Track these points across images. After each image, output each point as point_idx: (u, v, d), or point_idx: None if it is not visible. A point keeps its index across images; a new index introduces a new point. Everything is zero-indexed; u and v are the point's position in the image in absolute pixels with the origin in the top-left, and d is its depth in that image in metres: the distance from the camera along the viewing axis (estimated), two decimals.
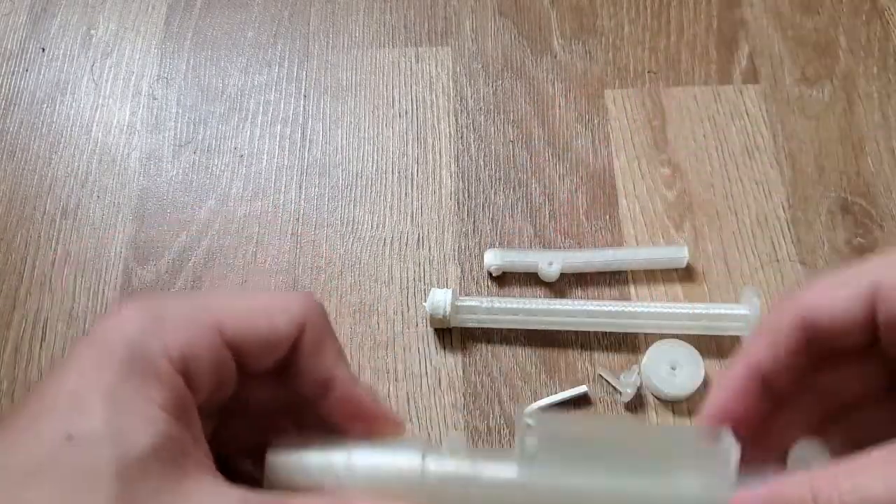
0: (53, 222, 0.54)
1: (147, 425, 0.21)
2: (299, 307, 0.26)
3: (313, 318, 0.26)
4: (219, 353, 0.24)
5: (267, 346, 0.25)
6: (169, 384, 0.22)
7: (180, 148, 0.56)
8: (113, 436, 0.21)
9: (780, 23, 0.59)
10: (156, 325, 0.23)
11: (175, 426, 0.22)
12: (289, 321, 0.25)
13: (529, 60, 0.59)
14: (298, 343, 0.26)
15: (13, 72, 0.60)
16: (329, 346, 0.27)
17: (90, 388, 0.21)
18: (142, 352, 0.22)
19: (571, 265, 0.50)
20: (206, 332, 0.24)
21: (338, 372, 0.26)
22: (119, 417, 0.21)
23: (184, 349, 0.23)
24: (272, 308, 0.25)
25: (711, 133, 0.55)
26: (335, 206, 0.54)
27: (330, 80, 0.58)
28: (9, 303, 0.51)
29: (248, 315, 0.25)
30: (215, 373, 0.24)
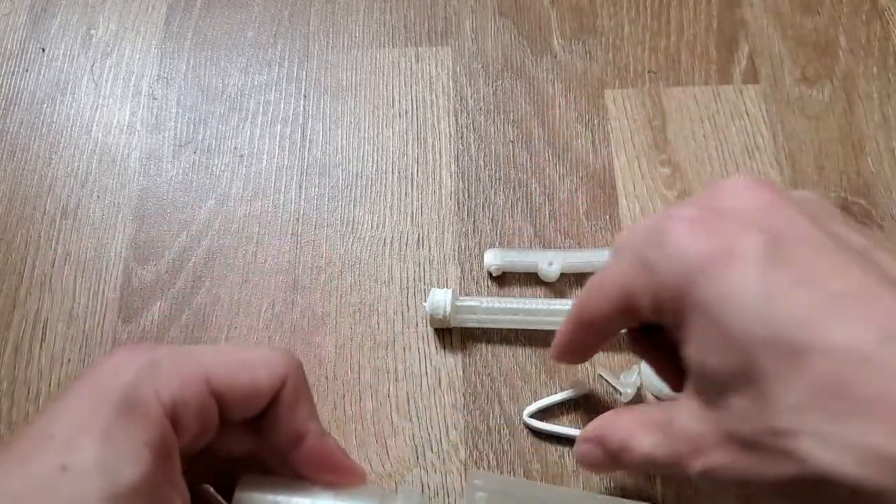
0: (53, 222, 0.54)
1: (134, 461, 0.23)
2: (282, 364, 0.28)
3: (293, 375, 0.29)
4: (205, 401, 0.26)
5: (249, 398, 0.27)
6: (157, 426, 0.24)
7: (180, 148, 0.56)
8: (103, 468, 0.22)
9: (780, 23, 0.59)
10: (150, 371, 0.25)
11: (157, 465, 0.24)
12: (271, 376, 0.28)
13: (529, 60, 0.59)
14: (277, 397, 0.28)
15: (13, 72, 0.60)
16: (305, 401, 0.29)
17: (85, 425, 0.23)
18: (135, 395, 0.24)
19: (571, 265, 0.50)
20: (195, 381, 0.26)
21: (311, 426, 0.29)
22: (109, 452, 0.23)
23: (174, 395, 0.25)
24: (257, 363, 0.28)
25: (711, 133, 0.55)
26: (335, 206, 0.54)
27: (330, 80, 0.58)
28: (9, 303, 0.51)
29: (234, 368, 0.27)
30: (200, 419, 0.26)
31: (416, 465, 0.45)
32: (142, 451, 0.23)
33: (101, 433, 0.23)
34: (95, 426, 0.23)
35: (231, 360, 0.27)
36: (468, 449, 0.46)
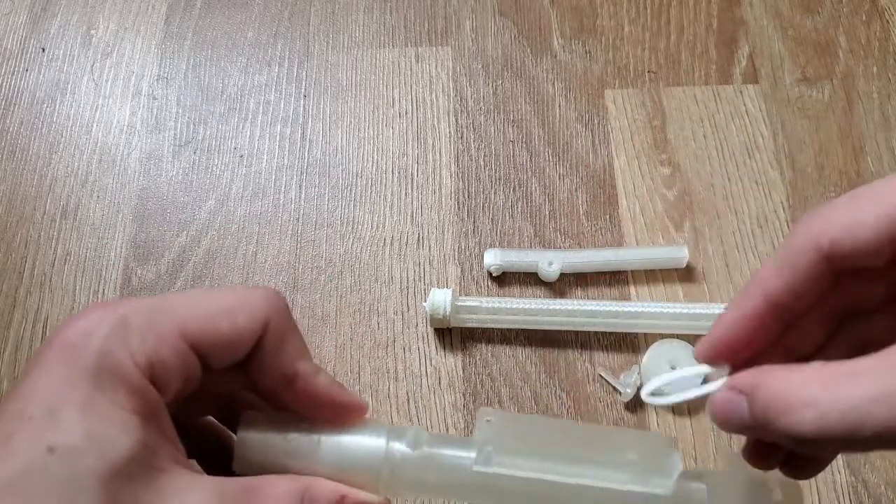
0: (53, 222, 0.54)
1: (124, 433, 0.22)
2: (262, 306, 0.26)
3: (276, 315, 0.27)
4: (184, 356, 0.25)
5: (229, 346, 0.26)
6: (139, 390, 0.23)
7: (180, 148, 0.56)
8: (93, 446, 0.21)
9: (780, 23, 0.59)
10: (121, 333, 0.24)
11: (148, 429, 0.23)
12: (250, 320, 0.26)
13: (529, 60, 0.58)
14: (261, 340, 0.26)
15: (13, 72, 0.60)
16: (291, 341, 0.27)
17: (65, 400, 0.22)
18: (111, 361, 0.23)
19: (571, 265, 0.50)
20: (171, 337, 0.24)
21: (300, 366, 0.27)
22: (97, 428, 0.22)
23: (150, 355, 0.24)
24: (235, 308, 0.26)
25: (711, 133, 0.55)
26: (335, 206, 0.54)
27: (330, 80, 0.58)
28: (9, 303, 0.51)
29: (210, 317, 0.25)
30: (181, 374, 0.25)
31: None
32: (128, 419, 0.22)
33: (82, 406, 0.22)
34: (75, 399, 0.22)
35: (206, 308, 0.26)
36: None
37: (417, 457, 0.28)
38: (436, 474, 0.28)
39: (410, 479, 0.28)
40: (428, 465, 0.28)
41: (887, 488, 0.44)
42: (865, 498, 0.44)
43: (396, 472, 0.28)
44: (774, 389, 0.23)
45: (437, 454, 0.28)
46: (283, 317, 0.27)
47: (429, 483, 0.28)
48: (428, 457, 0.28)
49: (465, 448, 0.28)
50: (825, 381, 0.22)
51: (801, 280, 0.25)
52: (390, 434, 0.28)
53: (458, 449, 0.28)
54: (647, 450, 0.29)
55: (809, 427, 0.22)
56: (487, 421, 0.28)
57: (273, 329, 0.27)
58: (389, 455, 0.28)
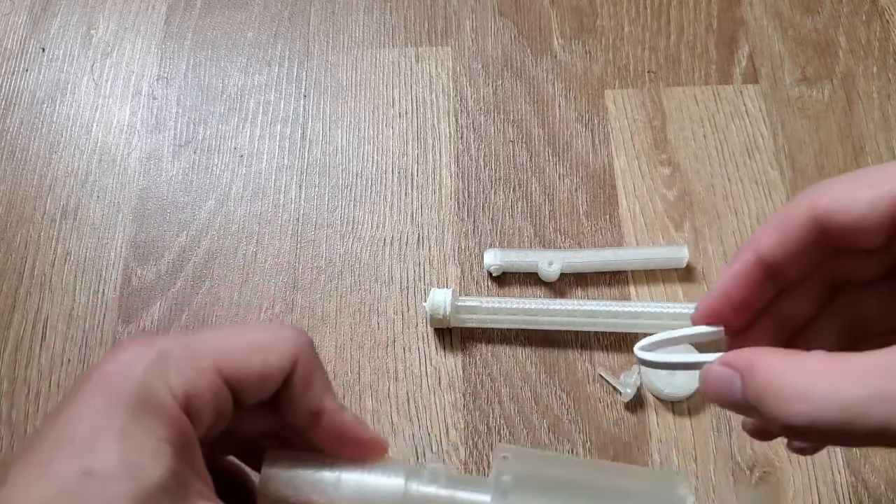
0: (53, 222, 0.54)
1: (157, 460, 0.23)
2: (292, 344, 0.28)
3: (304, 354, 0.28)
4: (218, 390, 0.26)
5: (262, 381, 0.27)
6: (174, 421, 0.24)
7: (180, 148, 0.56)
8: (128, 471, 0.22)
9: (780, 23, 0.59)
10: (160, 367, 0.25)
11: (180, 460, 0.24)
12: (282, 358, 0.27)
13: (529, 60, 0.58)
14: (290, 377, 0.28)
15: (13, 72, 0.60)
16: (318, 379, 0.29)
17: (103, 428, 0.23)
18: (149, 393, 0.24)
19: (571, 265, 0.50)
20: (206, 372, 0.26)
21: (326, 403, 0.29)
22: (132, 454, 0.23)
23: (187, 388, 0.25)
24: (267, 345, 0.27)
25: (711, 133, 0.55)
26: (335, 206, 0.54)
27: (330, 80, 0.58)
28: (9, 303, 0.51)
29: (244, 353, 0.27)
30: (214, 408, 0.26)
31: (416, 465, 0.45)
32: (162, 448, 0.23)
33: (119, 434, 0.23)
34: (113, 427, 0.23)
35: (240, 344, 0.27)
36: (468, 449, 0.46)
37: (435, 496, 0.29)
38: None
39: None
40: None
41: (887, 488, 0.44)
42: (865, 498, 0.44)
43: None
44: (770, 374, 0.23)
45: (455, 493, 0.29)
46: (311, 355, 0.29)
47: None
48: (446, 496, 0.29)
49: (483, 487, 0.29)
50: (823, 373, 0.22)
51: (794, 244, 0.26)
52: (409, 474, 0.29)
53: (476, 488, 0.29)
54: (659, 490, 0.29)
55: (802, 419, 0.22)
56: (504, 458, 0.29)
57: (301, 367, 0.28)
58: (408, 495, 0.28)
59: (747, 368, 0.24)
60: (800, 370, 0.22)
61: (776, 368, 0.23)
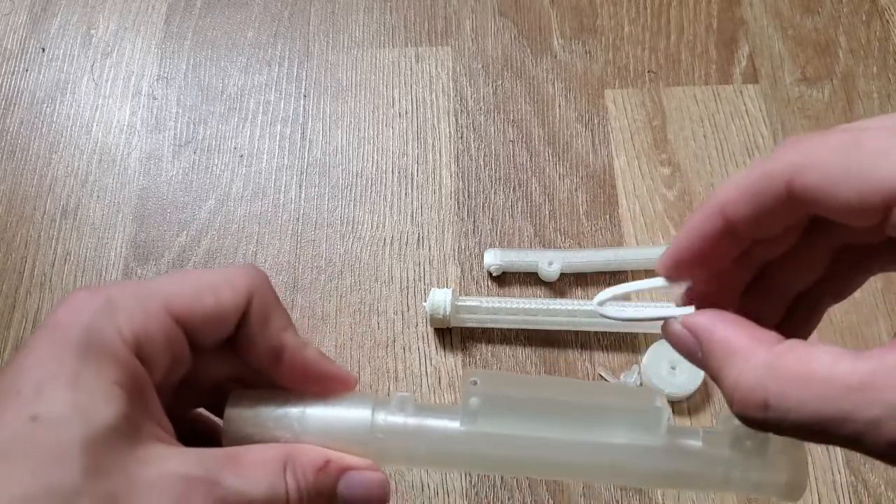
0: (53, 222, 0.54)
1: (107, 403, 0.23)
2: (245, 281, 0.27)
3: (259, 290, 0.27)
4: (170, 332, 0.25)
5: (215, 321, 0.26)
6: (125, 364, 0.24)
7: (180, 148, 0.56)
8: (77, 415, 0.22)
9: (780, 23, 0.59)
10: (108, 311, 0.24)
11: (132, 402, 0.23)
12: (235, 295, 0.27)
13: (529, 60, 0.59)
14: (246, 315, 0.27)
15: (13, 72, 0.60)
16: (277, 315, 0.28)
17: (51, 374, 0.23)
18: (97, 336, 0.24)
19: (571, 265, 0.50)
20: (157, 313, 0.25)
21: (287, 339, 0.28)
22: (81, 398, 0.22)
23: (137, 330, 0.24)
24: (219, 283, 0.27)
25: (711, 133, 0.55)
26: (335, 206, 0.54)
27: (330, 80, 0.58)
28: (9, 303, 0.51)
29: (195, 294, 0.26)
30: (168, 351, 0.25)
31: None
32: (113, 390, 0.23)
33: (68, 380, 0.22)
34: (61, 374, 0.23)
35: (190, 285, 0.26)
36: None
37: (403, 423, 0.28)
38: (423, 440, 0.28)
39: (398, 447, 0.28)
40: (414, 431, 0.28)
41: (887, 488, 0.44)
42: (865, 498, 0.44)
43: (384, 441, 0.28)
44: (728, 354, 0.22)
45: (424, 419, 0.28)
46: (266, 291, 0.28)
47: (417, 450, 0.28)
48: (414, 423, 0.28)
49: (452, 413, 0.28)
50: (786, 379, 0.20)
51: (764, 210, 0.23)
52: (376, 404, 0.28)
53: (445, 414, 0.28)
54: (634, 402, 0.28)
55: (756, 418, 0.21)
56: (473, 382, 0.28)
57: (257, 303, 0.27)
58: (375, 425, 0.28)
59: (706, 341, 0.23)
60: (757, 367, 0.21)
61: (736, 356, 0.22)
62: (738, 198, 0.23)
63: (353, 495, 0.27)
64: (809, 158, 0.22)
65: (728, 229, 0.24)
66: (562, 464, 0.28)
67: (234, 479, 0.24)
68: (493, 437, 0.27)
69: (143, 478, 0.23)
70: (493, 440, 0.27)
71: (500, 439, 0.27)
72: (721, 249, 0.25)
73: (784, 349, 0.21)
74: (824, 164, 0.21)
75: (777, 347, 0.21)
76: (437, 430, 0.28)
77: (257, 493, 0.25)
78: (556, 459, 0.28)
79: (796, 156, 0.22)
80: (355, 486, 0.27)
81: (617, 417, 0.27)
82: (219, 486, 0.24)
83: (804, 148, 0.22)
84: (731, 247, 0.25)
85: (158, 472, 0.23)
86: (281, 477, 0.25)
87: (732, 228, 0.24)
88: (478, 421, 0.27)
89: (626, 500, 0.44)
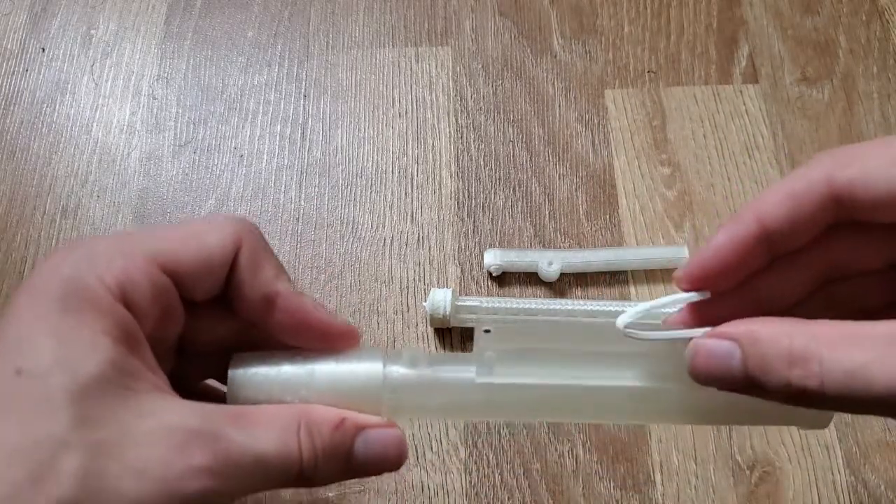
0: (53, 222, 0.54)
1: (93, 351, 0.22)
2: (231, 226, 0.26)
3: (248, 236, 0.26)
4: (156, 279, 0.24)
5: (203, 265, 0.25)
6: (110, 312, 0.23)
7: (180, 148, 0.56)
8: (61, 365, 0.21)
9: (780, 23, 0.59)
10: (88, 260, 0.23)
11: (121, 351, 0.22)
12: (222, 239, 0.26)
13: (529, 60, 0.59)
14: (236, 264, 0.26)
15: (13, 72, 0.60)
16: (267, 261, 0.27)
17: (33, 328, 0.22)
18: (78, 286, 0.23)
19: (571, 265, 0.50)
20: (140, 260, 0.24)
21: (279, 286, 0.27)
22: (65, 348, 0.21)
23: (119, 277, 0.23)
24: (203, 230, 0.26)
25: (711, 133, 0.55)
26: (335, 206, 0.54)
27: (330, 80, 0.58)
28: (9, 303, 0.51)
29: (179, 240, 0.25)
30: (156, 298, 0.24)
31: (416, 465, 0.45)
32: (99, 339, 0.22)
33: (50, 331, 0.22)
34: (43, 326, 0.22)
35: (175, 233, 0.25)
36: (468, 449, 0.46)
37: (417, 377, 0.27)
38: (438, 393, 0.27)
39: (413, 400, 0.27)
40: (429, 384, 0.27)
41: (887, 488, 0.44)
42: (865, 498, 0.44)
43: (397, 395, 0.27)
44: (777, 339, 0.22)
45: (438, 372, 0.27)
46: (256, 237, 0.27)
47: (432, 403, 0.27)
48: (428, 376, 0.27)
49: (466, 363, 0.27)
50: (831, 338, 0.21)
51: (805, 217, 0.23)
52: (387, 357, 0.27)
53: (459, 364, 0.27)
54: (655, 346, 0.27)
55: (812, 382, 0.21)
56: (486, 331, 0.26)
57: (247, 250, 0.26)
58: (388, 378, 0.27)
59: (748, 336, 0.23)
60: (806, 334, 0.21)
61: (782, 333, 0.22)
62: (779, 202, 0.24)
63: (370, 453, 0.26)
64: (848, 157, 0.23)
65: (763, 236, 0.24)
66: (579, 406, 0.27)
67: (241, 433, 0.23)
68: (507, 385, 0.27)
69: (139, 428, 0.21)
70: (509, 388, 0.27)
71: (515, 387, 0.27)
72: (749, 259, 0.25)
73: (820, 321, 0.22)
74: (863, 159, 0.22)
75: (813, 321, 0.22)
76: (452, 380, 0.27)
77: (266, 449, 0.23)
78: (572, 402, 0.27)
79: (835, 157, 0.23)
80: (373, 443, 0.26)
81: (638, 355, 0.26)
82: (223, 440, 0.22)
83: (841, 151, 0.23)
84: (760, 257, 0.25)
85: (156, 423, 0.22)
86: (294, 434, 0.24)
87: (767, 235, 0.24)
88: (493, 372, 0.26)
89: (626, 500, 0.44)
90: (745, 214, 0.24)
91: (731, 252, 0.25)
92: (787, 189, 0.24)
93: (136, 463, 0.21)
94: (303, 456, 0.24)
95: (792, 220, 0.24)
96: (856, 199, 0.23)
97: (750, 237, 0.24)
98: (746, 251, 0.24)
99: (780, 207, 0.24)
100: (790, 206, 0.23)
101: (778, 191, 0.24)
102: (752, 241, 0.24)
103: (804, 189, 0.23)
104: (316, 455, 0.24)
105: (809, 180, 0.23)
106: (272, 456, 0.23)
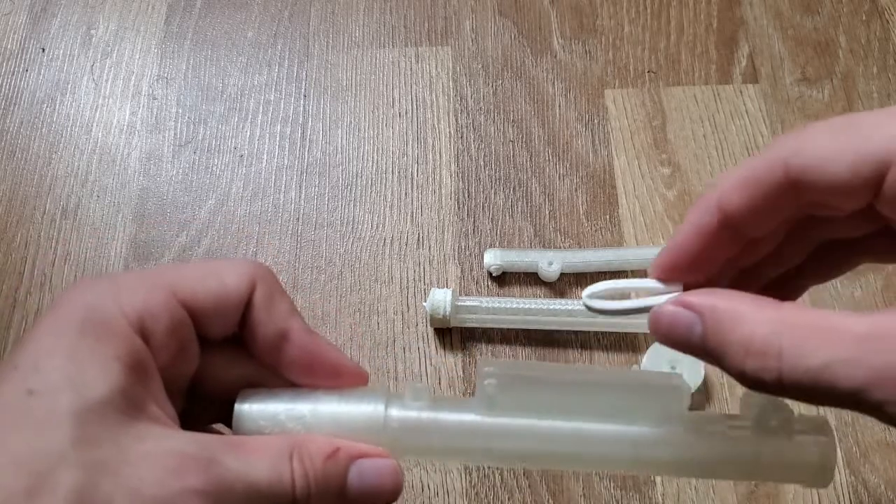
0: (53, 222, 0.54)
1: (103, 375, 0.22)
2: (248, 267, 0.27)
3: (263, 277, 0.27)
4: (175, 312, 0.25)
5: (220, 301, 0.26)
6: (125, 340, 0.23)
7: (180, 148, 0.56)
8: (70, 384, 0.22)
9: (780, 23, 0.59)
10: (112, 290, 0.24)
11: (131, 379, 0.23)
12: (238, 279, 0.26)
13: (529, 60, 0.59)
14: (251, 302, 0.27)
15: (13, 72, 0.60)
16: (281, 300, 0.27)
17: (48, 350, 0.23)
18: (98, 313, 0.23)
19: (571, 265, 0.50)
20: (160, 293, 0.25)
21: (292, 323, 0.27)
22: (76, 369, 0.22)
23: (139, 308, 0.24)
24: (222, 269, 0.27)
25: (711, 133, 0.55)
26: (335, 206, 0.54)
27: (330, 80, 0.58)
28: (9, 303, 0.51)
29: (199, 276, 0.26)
30: (174, 332, 0.25)
31: (416, 465, 0.45)
32: (111, 364, 0.23)
33: (65, 353, 0.22)
34: (59, 348, 0.23)
35: (195, 270, 0.26)
36: None
37: (418, 419, 0.27)
38: (439, 436, 0.27)
39: (413, 442, 0.27)
40: (430, 427, 0.27)
41: (887, 488, 0.44)
42: (865, 498, 0.44)
43: (398, 436, 0.27)
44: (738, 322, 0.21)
45: (439, 415, 0.27)
46: (270, 279, 0.28)
47: (433, 445, 0.27)
48: (429, 419, 0.27)
49: (467, 406, 0.27)
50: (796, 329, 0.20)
51: (764, 204, 0.23)
52: (389, 398, 0.27)
53: (460, 407, 0.27)
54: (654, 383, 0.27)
55: (769, 375, 0.21)
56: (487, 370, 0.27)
57: (262, 289, 0.27)
58: (389, 420, 0.27)
59: (710, 311, 0.22)
60: (770, 321, 0.21)
61: (745, 318, 0.21)
62: (736, 187, 0.23)
63: (364, 484, 0.26)
64: (805, 140, 0.22)
65: (725, 223, 0.24)
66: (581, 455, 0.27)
67: (235, 460, 0.23)
68: (511, 428, 0.27)
69: (136, 450, 0.22)
70: (509, 429, 0.27)
71: (518, 430, 0.27)
72: (716, 248, 0.24)
73: (791, 306, 0.21)
74: (819, 142, 0.22)
75: (784, 305, 0.21)
76: (454, 423, 0.27)
77: (259, 476, 0.24)
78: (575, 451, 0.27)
79: (793, 140, 0.22)
80: (367, 474, 0.26)
81: (637, 402, 0.27)
82: (217, 465, 0.23)
83: (800, 133, 0.22)
84: (727, 246, 0.24)
85: (153, 446, 0.22)
86: (286, 462, 0.24)
87: (729, 222, 0.23)
88: (495, 407, 0.26)
89: (626, 500, 0.44)
90: (705, 200, 0.24)
91: (696, 241, 0.24)
92: (745, 174, 0.23)
93: (131, 482, 0.22)
94: (295, 484, 0.24)
95: (751, 207, 0.23)
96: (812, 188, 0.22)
97: (711, 226, 0.24)
98: (711, 239, 0.24)
99: (738, 194, 0.23)
100: (748, 192, 0.23)
101: (736, 175, 0.23)
102: (714, 229, 0.24)
103: (762, 174, 0.23)
104: (308, 484, 0.25)
105: (767, 164, 0.22)
106: (265, 483, 0.24)
